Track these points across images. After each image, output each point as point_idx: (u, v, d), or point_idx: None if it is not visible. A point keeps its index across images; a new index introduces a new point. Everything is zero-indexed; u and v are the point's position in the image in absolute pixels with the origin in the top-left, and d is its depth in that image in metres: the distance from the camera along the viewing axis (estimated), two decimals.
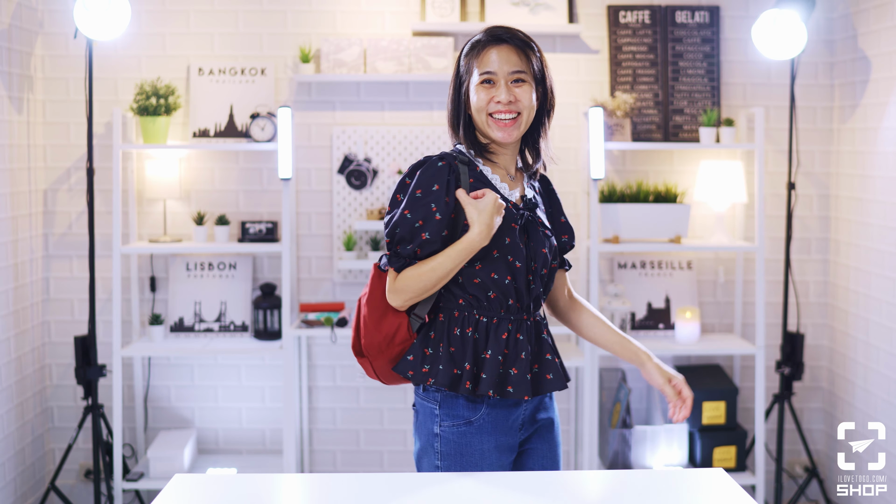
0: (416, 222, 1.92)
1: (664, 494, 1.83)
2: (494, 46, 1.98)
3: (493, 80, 1.97)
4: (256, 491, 1.88)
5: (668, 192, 3.63)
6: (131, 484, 3.51)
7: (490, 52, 1.98)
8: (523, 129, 2.01)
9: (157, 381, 3.80)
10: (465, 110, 2.02)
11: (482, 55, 1.99)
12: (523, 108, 1.98)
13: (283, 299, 3.50)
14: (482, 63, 1.98)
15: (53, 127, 3.71)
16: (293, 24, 3.72)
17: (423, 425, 1.99)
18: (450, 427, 1.95)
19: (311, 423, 3.84)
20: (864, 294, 3.56)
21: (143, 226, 3.74)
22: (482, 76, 1.97)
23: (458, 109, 2.03)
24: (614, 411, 3.70)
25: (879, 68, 3.45)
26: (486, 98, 1.97)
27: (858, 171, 3.60)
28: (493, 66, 1.97)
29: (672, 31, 3.74)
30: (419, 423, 2.00)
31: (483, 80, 1.98)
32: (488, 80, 1.97)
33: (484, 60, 1.98)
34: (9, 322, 3.43)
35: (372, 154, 3.71)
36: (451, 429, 1.95)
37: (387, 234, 1.96)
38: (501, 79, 1.97)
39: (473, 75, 1.99)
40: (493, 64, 1.97)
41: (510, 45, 1.98)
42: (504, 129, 1.98)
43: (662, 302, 3.78)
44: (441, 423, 1.96)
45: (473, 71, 1.99)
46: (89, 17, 3.19)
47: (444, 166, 1.96)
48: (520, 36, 2.00)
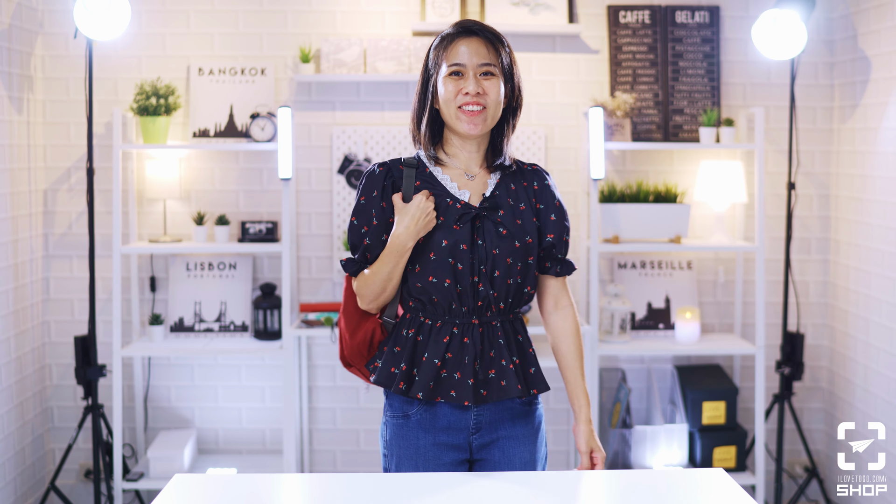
0: (361, 228, 2.00)
1: (664, 494, 1.83)
2: (464, 39, 1.96)
3: (462, 71, 1.95)
4: (256, 491, 1.88)
5: (668, 192, 3.63)
6: (131, 484, 3.51)
7: (459, 45, 1.96)
8: (490, 124, 1.98)
9: (157, 381, 3.80)
10: (433, 104, 2.00)
11: (451, 47, 1.97)
12: (490, 102, 1.95)
13: (283, 299, 3.50)
14: (451, 55, 1.96)
15: (53, 127, 3.71)
16: (293, 24, 3.72)
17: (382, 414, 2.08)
18: (391, 418, 2.02)
19: (311, 423, 3.84)
20: (864, 294, 3.56)
21: (143, 226, 3.74)
22: (451, 68, 1.95)
23: (423, 103, 2.01)
24: (614, 411, 3.70)
25: (879, 68, 3.46)
26: (455, 90, 1.95)
27: (858, 171, 3.60)
28: (462, 58, 1.95)
29: (672, 31, 3.74)
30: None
31: (451, 73, 1.95)
32: (457, 73, 1.95)
33: (453, 53, 1.96)
34: (9, 322, 3.43)
35: (372, 154, 3.71)
36: (391, 420, 2.02)
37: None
38: (470, 70, 1.95)
39: (442, 68, 1.97)
40: (462, 56, 1.95)
41: (480, 37, 1.96)
42: (471, 121, 1.94)
43: (662, 302, 3.78)
44: (386, 413, 2.04)
45: (442, 64, 1.97)
46: (89, 17, 3.19)
47: (381, 172, 2.01)
48: (490, 29, 1.98)
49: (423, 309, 1.99)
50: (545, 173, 2.09)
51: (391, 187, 2.00)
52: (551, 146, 3.77)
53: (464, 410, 1.97)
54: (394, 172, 2.01)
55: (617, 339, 3.60)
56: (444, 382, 1.95)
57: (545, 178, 2.07)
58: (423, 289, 1.96)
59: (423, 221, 1.93)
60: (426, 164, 2.02)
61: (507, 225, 1.97)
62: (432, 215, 1.94)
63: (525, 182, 2.05)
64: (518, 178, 2.04)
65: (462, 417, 1.98)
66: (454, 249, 1.94)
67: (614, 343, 3.60)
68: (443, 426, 1.98)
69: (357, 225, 2.00)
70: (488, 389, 1.96)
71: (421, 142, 2.02)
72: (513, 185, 2.03)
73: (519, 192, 2.02)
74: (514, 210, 2.00)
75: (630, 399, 3.68)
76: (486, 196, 1.99)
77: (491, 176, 2.03)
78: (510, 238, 1.97)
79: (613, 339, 3.61)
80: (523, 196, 2.02)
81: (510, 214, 1.99)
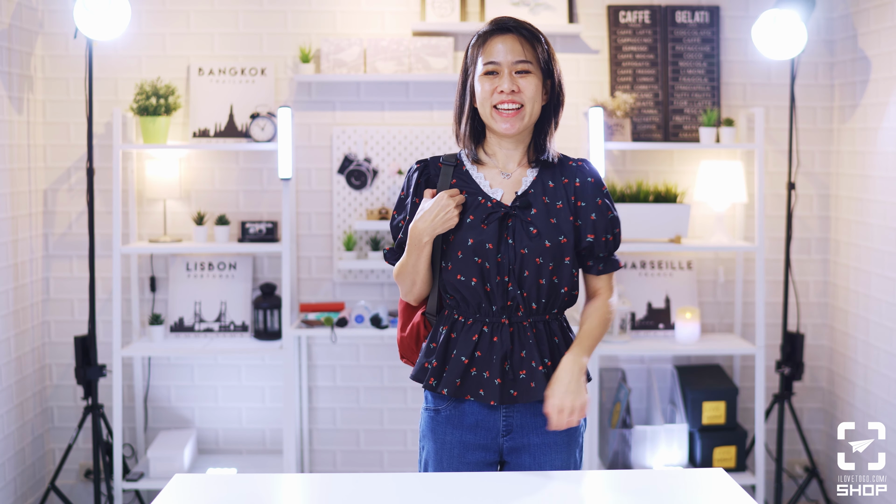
0: (399, 221, 2.07)
1: (664, 494, 1.83)
2: (500, 36, 1.95)
3: (497, 70, 1.94)
4: (256, 491, 1.88)
5: (668, 192, 3.63)
6: (131, 484, 3.51)
7: (495, 42, 1.94)
8: (528, 122, 1.96)
9: (157, 381, 3.80)
10: (471, 104, 1.99)
11: (487, 45, 1.95)
12: (526, 100, 1.93)
13: (283, 299, 3.50)
14: (487, 53, 1.94)
15: (53, 127, 3.71)
16: (293, 24, 3.72)
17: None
18: (425, 410, 2.05)
19: (311, 423, 3.84)
20: (864, 294, 3.56)
21: (143, 226, 3.74)
22: (486, 66, 1.94)
23: (463, 103, 2.00)
24: (614, 411, 3.70)
25: (879, 68, 3.45)
26: (490, 89, 1.93)
27: (858, 171, 3.60)
28: (497, 56, 1.93)
29: (672, 31, 3.74)
30: None
31: (487, 71, 1.94)
32: (492, 71, 1.94)
33: (489, 50, 1.94)
34: (9, 322, 3.43)
35: (372, 154, 3.71)
36: (425, 412, 2.05)
37: None
38: (505, 69, 1.93)
39: (478, 66, 1.96)
40: (497, 54, 1.93)
41: (515, 34, 1.95)
42: (507, 119, 1.93)
43: (662, 302, 3.78)
44: (423, 405, 2.07)
45: (478, 62, 1.96)
46: (89, 17, 3.19)
47: (417, 168, 2.04)
48: (526, 26, 1.96)
49: (456, 306, 2.00)
50: (591, 168, 2.03)
51: (424, 184, 2.03)
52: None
53: (492, 410, 1.97)
54: (430, 170, 2.03)
55: (617, 339, 3.60)
56: (472, 380, 1.96)
57: (588, 175, 2.01)
58: (455, 287, 1.97)
59: (441, 218, 1.93)
60: (464, 163, 2.02)
61: (538, 224, 1.94)
62: (452, 213, 1.93)
63: (566, 179, 1.99)
64: (558, 175, 1.99)
65: (490, 417, 1.97)
66: (479, 248, 1.93)
67: (614, 343, 3.60)
68: (470, 424, 1.98)
69: (398, 218, 2.07)
70: (518, 390, 1.95)
71: (462, 141, 2.02)
72: (551, 183, 1.98)
73: (557, 190, 1.97)
74: (550, 208, 1.96)
75: (630, 399, 3.68)
76: (519, 194, 1.97)
77: (528, 173, 2.00)
78: (540, 238, 1.93)
79: (613, 339, 3.60)
80: (561, 194, 1.97)
81: (544, 213, 1.95)
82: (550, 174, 1.99)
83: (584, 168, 2.02)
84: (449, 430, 1.99)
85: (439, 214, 1.93)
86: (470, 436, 1.98)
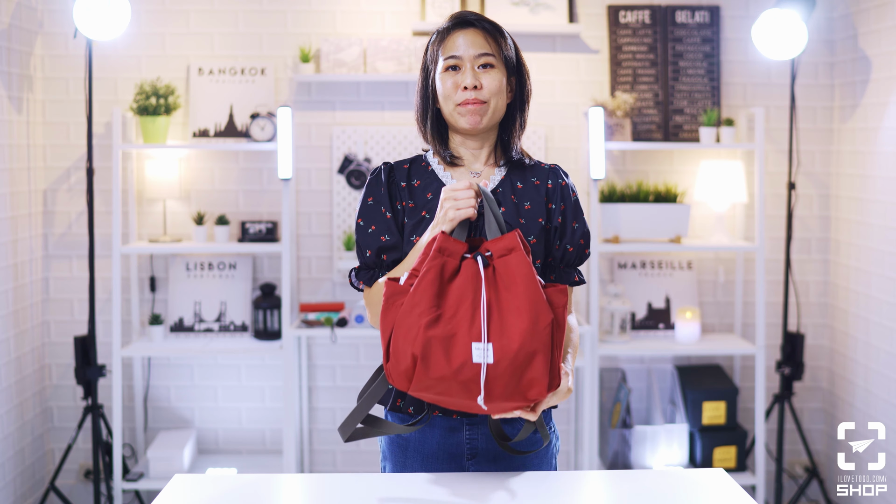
0: (368, 228, 1.87)
1: (664, 494, 1.83)
2: (460, 30, 1.85)
3: (459, 64, 1.83)
4: (256, 491, 1.87)
5: (669, 192, 3.63)
6: (131, 484, 3.51)
7: (456, 37, 1.84)
8: (492, 117, 1.85)
9: (156, 381, 3.80)
10: (434, 103, 1.88)
11: (447, 40, 1.85)
12: (490, 95, 1.83)
13: (283, 299, 3.50)
14: (447, 48, 1.84)
15: (53, 127, 3.71)
16: (293, 24, 3.72)
17: None
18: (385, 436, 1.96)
19: (311, 423, 3.84)
20: (864, 294, 3.55)
21: (143, 226, 3.74)
22: (447, 61, 1.84)
23: (426, 103, 1.90)
24: (614, 411, 3.70)
25: (879, 68, 3.45)
26: (452, 85, 1.83)
27: (858, 171, 3.60)
28: (458, 50, 1.83)
29: (672, 30, 3.74)
30: None
31: (448, 66, 1.84)
32: (454, 66, 1.83)
33: (449, 45, 1.84)
34: (9, 322, 3.43)
35: (372, 154, 3.71)
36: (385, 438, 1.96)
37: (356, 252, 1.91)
38: (467, 62, 1.83)
39: (439, 63, 1.85)
40: (458, 48, 1.83)
41: (477, 28, 1.85)
42: (470, 115, 1.82)
43: (662, 302, 3.78)
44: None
45: (439, 58, 1.86)
46: (89, 16, 3.19)
47: (381, 170, 1.89)
48: (487, 19, 1.87)
49: None
50: (563, 172, 1.93)
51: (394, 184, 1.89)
52: (551, 146, 3.77)
53: (454, 433, 1.88)
54: (395, 173, 1.90)
55: (617, 339, 3.60)
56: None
57: (558, 177, 1.91)
58: None
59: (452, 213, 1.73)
60: (429, 163, 1.92)
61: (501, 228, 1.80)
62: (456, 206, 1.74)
63: (537, 180, 1.89)
64: (528, 176, 1.90)
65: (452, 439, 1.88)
66: None
67: (614, 343, 3.59)
68: (432, 451, 1.89)
69: (364, 226, 1.88)
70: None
71: (430, 143, 1.92)
72: (519, 184, 1.89)
73: (527, 191, 1.88)
74: (518, 208, 1.86)
75: (630, 399, 3.68)
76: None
77: (496, 172, 1.90)
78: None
79: (613, 339, 3.60)
80: (532, 195, 1.88)
81: (512, 212, 1.85)
82: (520, 175, 1.90)
83: (557, 171, 1.92)
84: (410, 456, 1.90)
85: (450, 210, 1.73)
86: (433, 464, 1.89)
